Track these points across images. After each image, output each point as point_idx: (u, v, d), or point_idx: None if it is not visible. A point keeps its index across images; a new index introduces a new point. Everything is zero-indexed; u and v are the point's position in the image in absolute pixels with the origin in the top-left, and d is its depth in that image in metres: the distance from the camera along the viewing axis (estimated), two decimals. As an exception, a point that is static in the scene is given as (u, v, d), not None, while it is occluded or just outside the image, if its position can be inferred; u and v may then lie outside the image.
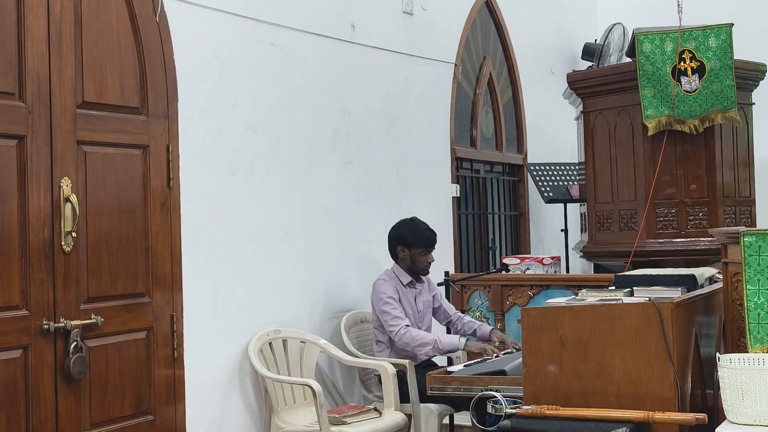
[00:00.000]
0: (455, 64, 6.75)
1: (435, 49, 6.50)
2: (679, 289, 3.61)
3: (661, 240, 5.86)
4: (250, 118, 4.78)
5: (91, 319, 3.81)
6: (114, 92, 4.01)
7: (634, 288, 3.72)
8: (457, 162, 6.81)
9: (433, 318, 5.29)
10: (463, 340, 4.91)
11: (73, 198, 3.75)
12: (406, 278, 5.11)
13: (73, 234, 3.76)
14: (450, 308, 5.36)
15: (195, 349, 4.32)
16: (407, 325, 4.92)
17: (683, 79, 5.66)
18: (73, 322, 3.73)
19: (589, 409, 3.15)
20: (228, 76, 4.65)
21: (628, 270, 4.92)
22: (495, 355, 4.67)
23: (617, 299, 3.52)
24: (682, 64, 5.65)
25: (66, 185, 3.74)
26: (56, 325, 3.67)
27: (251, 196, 4.76)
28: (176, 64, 4.31)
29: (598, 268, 7.11)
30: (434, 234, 5.16)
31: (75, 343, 3.72)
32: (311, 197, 5.20)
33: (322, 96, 5.34)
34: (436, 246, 5.17)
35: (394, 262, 5.18)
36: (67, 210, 3.73)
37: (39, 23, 3.68)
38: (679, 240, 5.84)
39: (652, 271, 4.04)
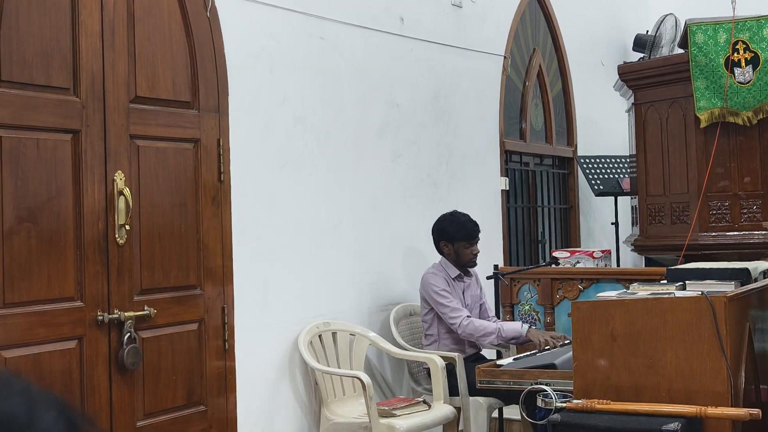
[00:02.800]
0: (504, 57, 6.72)
1: (484, 41, 6.47)
2: (733, 283, 3.57)
3: (714, 233, 5.78)
4: (298, 111, 4.81)
5: (144, 310, 3.86)
6: (166, 87, 4.06)
7: (687, 282, 3.68)
8: (506, 155, 6.77)
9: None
10: (525, 326, 4.88)
11: (127, 191, 3.80)
12: (454, 272, 5.10)
13: (127, 227, 3.81)
14: (490, 309, 5.34)
15: (246, 341, 4.37)
16: (468, 316, 4.92)
17: (737, 71, 5.58)
18: (127, 314, 3.79)
19: (640, 404, 3.12)
20: (277, 70, 4.68)
21: (680, 264, 4.86)
22: (560, 344, 4.64)
23: (669, 293, 3.49)
24: (735, 54, 5.57)
25: (119, 179, 3.80)
26: (110, 316, 3.73)
27: (300, 190, 4.79)
28: (226, 59, 4.35)
29: (649, 262, 7.03)
30: (476, 225, 5.13)
31: (129, 334, 3.78)
32: (359, 191, 5.22)
33: (370, 89, 5.35)
34: (479, 237, 5.16)
35: (441, 257, 5.18)
36: (121, 203, 3.79)
37: (93, 19, 3.73)
38: (732, 233, 5.76)
39: (704, 265, 3.99)
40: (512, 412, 5.03)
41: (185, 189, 4.12)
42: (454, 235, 5.08)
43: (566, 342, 4.69)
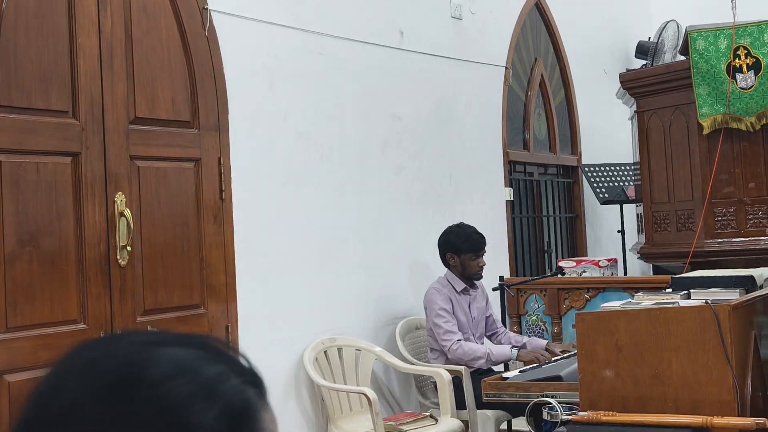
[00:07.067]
0: (506, 67, 6.72)
1: (485, 52, 6.47)
2: (738, 290, 3.54)
3: (719, 240, 5.75)
4: (300, 127, 4.81)
5: (147, 331, 3.85)
6: (165, 107, 4.06)
7: (691, 290, 3.66)
8: (510, 165, 6.76)
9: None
10: (515, 350, 4.88)
11: (128, 212, 3.81)
12: (460, 285, 5.08)
13: (128, 248, 3.81)
14: (497, 321, 5.32)
15: (250, 359, 4.34)
16: (459, 340, 4.90)
17: (738, 76, 5.55)
18: (131, 335, 3.77)
19: (646, 415, 3.10)
20: (277, 86, 4.68)
21: (686, 271, 4.83)
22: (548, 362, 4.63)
23: (673, 302, 3.46)
24: (737, 60, 5.55)
25: (120, 200, 3.80)
26: (114, 337, 3.72)
27: (303, 206, 4.79)
28: (226, 77, 4.36)
29: (657, 270, 7.00)
30: (482, 237, 5.12)
31: (132, 355, 3.76)
32: (364, 205, 5.21)
33: (372, 103, 5.35)
34: (486, 249, 5.14)
35: (447, 269, 5.17)
36: (122, 224, 3.79)
37: (90, 42, 3.74)
38: (738, 239, 5.72)
39: (709, 273, 3.97)
40: (521, 424, 5.00)
41: (187, 208, 4.12)
42: (461, 247, 5.07)
43: (561, 357, 4.66)
